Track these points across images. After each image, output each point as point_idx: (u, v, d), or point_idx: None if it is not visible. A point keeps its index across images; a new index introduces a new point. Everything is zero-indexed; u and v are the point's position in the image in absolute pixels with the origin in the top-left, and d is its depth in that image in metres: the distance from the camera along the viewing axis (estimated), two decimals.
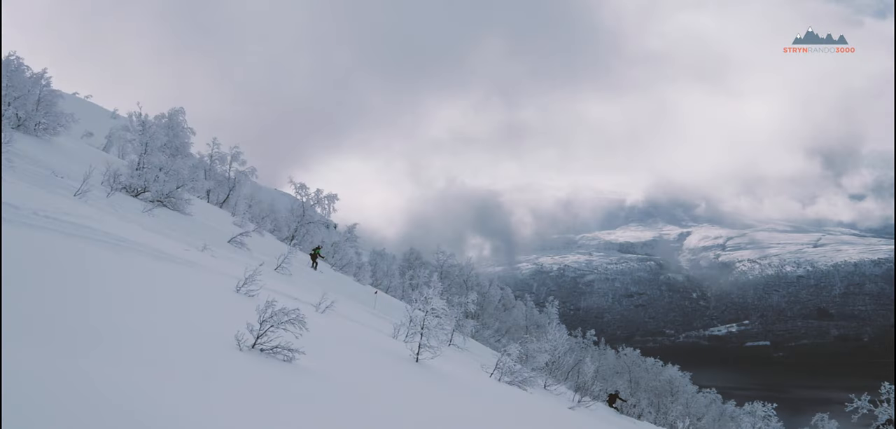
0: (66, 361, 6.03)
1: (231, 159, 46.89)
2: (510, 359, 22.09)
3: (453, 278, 61.61)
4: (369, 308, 30.01)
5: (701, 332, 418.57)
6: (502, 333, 59.72)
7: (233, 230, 31.36)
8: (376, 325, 22.42)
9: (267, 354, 9.64)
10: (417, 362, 15.75)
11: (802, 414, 54.65)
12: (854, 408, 28.93)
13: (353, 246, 52.56)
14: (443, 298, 18.59)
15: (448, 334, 26.74)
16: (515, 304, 71.35)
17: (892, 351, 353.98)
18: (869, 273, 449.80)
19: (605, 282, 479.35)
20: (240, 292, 14.63)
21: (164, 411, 5.91)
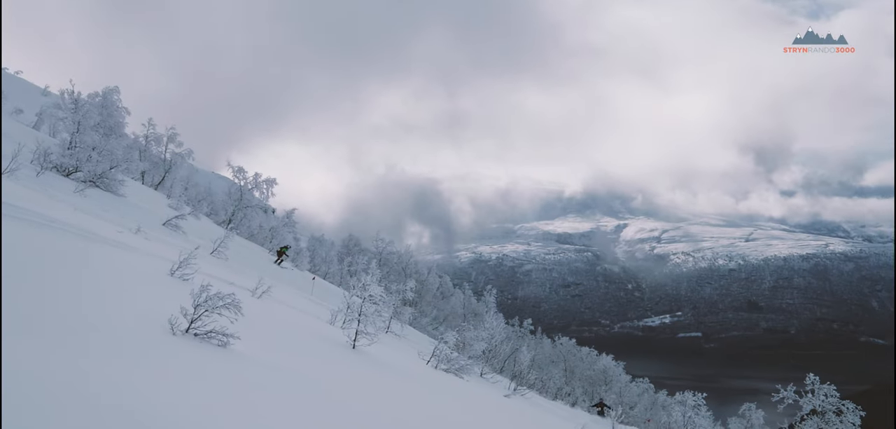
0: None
1: (167, 140, 45.96)
2: (447, 347, 22.16)
3: (392, 266, 61.52)
4: (307, 294, 29.79)
5: (635, 322, 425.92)
6: (440, 321, 59.88)
7: (168, 213, 30.80)
8: (314, 311, 22.27)
9: (201, 338, 9.50)
10: (354, 349, 15.70)
11: (731, 404, 56.07)
12: (780, 398, 29.74)
13: (292, 231, 52.06)
14: (381, 286, 18.54)
15: (386, 321, 26.71)
16: (454, 292, 71.57)
17: (817, 343, 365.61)
18: (797, 268, 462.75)
19: (543, 272, 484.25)
20: (174, 276, 14.38)
21: (90, 394, 5.78)
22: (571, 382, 59.40)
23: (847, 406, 29.29)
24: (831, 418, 29.08)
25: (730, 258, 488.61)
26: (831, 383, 30.03)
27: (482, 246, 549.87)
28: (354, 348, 15.76)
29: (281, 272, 35.58)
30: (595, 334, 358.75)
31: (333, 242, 67.98)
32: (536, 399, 31.29)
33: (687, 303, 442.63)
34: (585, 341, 76.13)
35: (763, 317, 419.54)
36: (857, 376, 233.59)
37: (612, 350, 68.15)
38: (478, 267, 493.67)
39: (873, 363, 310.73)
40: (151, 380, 6.94)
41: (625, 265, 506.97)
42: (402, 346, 25.27)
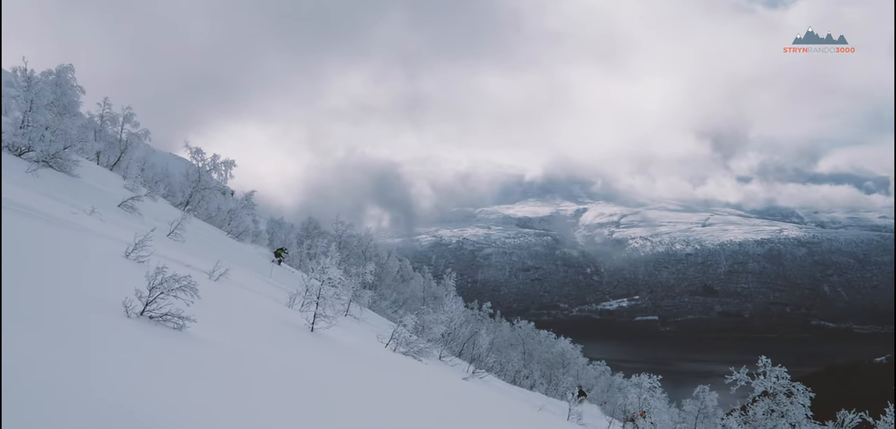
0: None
1: (123, 120, 45.16)
2: (406, 330, 22.18)
3: (352, 249, 61.36)
4: (266, 277, 29.61)
5: (593, 306, 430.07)
6: (400, 304, 59.89)
7: (124, 194, 30.37)
8: (272, 294, 22.15)
9: (156, 321, 9.42)
10: (312, 332, 15.66)
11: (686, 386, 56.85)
12: (733, 380, 30.25)
13: (251, 214, 51.65)
14: (340, 269, 18.49)
15: (345, 304, 26.65)
16: (413, 275, 71.61)
17: (770, 327, 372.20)
18: (752, 252, 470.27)
19: (503, 256, 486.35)
20: (129, 258, 14.22)
21: (40, 376, 5.72)
22: (530, 365, 59.81)
23: (797, 388, 29.89)
24: (782, 399, 29.66)
25: (687, 243, 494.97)
26: (783, 366, 30.60)
27: (443, 230, 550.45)
28: (313, 331, 15.72)
29: (239, 255, 35.29)
30: (554, 318, 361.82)
31: (293, 224, 67.62)
32: (495, 382, 31.48)
33: (644, 287, 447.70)
34: (544, 324, 76.63)
35: (718, 301, 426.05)
36: (809, 359, 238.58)
37: (571, 333, 68.71)
38: (438, 251, 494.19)
39: (824, 346, 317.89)
40: (102, 363, 6.87)
41: (584, 250, 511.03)
42: (361, 329, 25.24)
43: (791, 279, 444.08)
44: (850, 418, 25.87)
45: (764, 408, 29.44)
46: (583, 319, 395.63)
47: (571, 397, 27.85)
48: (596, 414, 34.60)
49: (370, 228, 71.45)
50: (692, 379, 59.58)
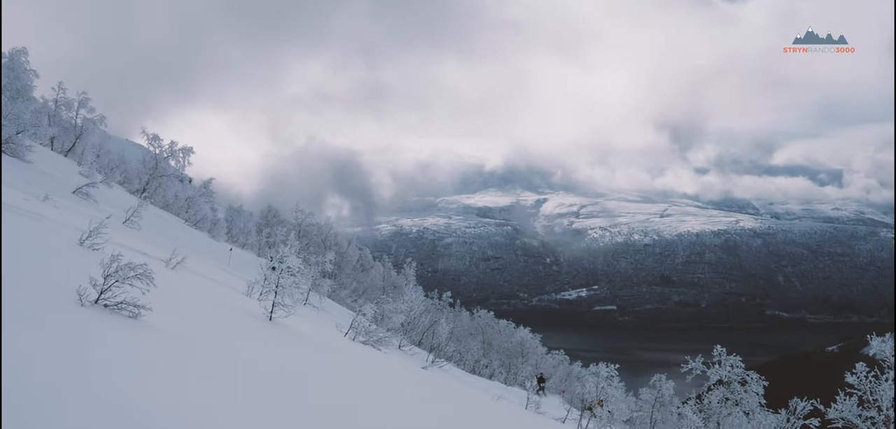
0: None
1: (78, 106, 44.36)
2: (365, 319, 22.17)
3: (311, 237, 61.01)
4: (224, 266, 29.37)
5: (553, 295, 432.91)
6: (359, 293, 59.71)
7: (78, 180, 29.87)
8: (230, 282, 21.99)
9: (111, 309, 9.31)
10: (271, 321, 15.58)
11: (643, 375, 57.50)
12: (689, 369, 30.66)
13: (209, 201, 51.13)
14: (299, 257, 18.41)
15: (304, 293, 26.54)
16: (373, 265, 71.43)
17: (726, 317, 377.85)
18: (709, 243, 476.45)
19: (463, 245, 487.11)
20: (83, 245, 14.02)
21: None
22: (489, 354, 60.05)
23: (751, 376, 30.37)
24: (736, 388, 30.13)
25: (645, 233, 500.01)
26: (738, 355, 31.05)
27: (403, 219, 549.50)
28: (271, 320, 15.64)
29: (197, 243, 34.95)
30: (513, 307, 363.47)
31: (252, 212, 67.01)
32: (454, 371, 31.58)
33: (603, 277, 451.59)
34: (504, 313, 76.92)
35: (675, 291, 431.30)
36: (764, 348, 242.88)
37: (530, 323, 69.04)
38: (398, 240, 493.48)
39: (779, 336, 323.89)
40: (54, 351, 6.78)
41: (544, 239, 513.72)
42: (321, 318, 25.16)
43: (746, 270, 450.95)
44: (802, 407, 26.36)
45: (719, 396, 29.89)
46: (542, 309, 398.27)
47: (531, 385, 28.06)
48: (554, 404, 34.86)
49: (330, 217, 71.05)
50: (649, 368, 60.30)
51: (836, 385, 27.60)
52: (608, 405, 27.84)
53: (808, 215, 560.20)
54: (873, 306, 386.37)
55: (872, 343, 27.33)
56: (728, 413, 28.31)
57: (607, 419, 27.51)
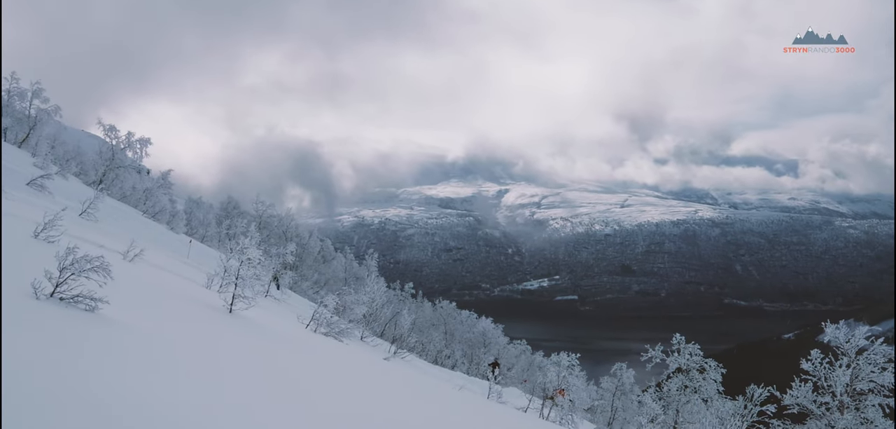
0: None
1: (32, 96, 43.53)
2: (327, 310, 22.07)
3: (272, 229, 60.66)
4: (183, 258, 29.05)
5: (515, 286, 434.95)
6: (321, 284, 59.49)
7: (33, 172, 29.33)
8: (190, 275, 21.76)
9: (67, 303, 9.16)
10: (231, 313, 15.45)
11: (604, 363, 58.06)
12: (649, 358, 31.06)
13: (168, 193, 50.50)
14: (260, 249, 18.26)
15: (265, 284, 26.36)
16: (335, 256, 71.19)
17: (685, 305, 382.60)
18: (668, 233, 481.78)
19: (425, 236, 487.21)
20: (38, 238, 13.78)
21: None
22: (451, 345, 60.18)
23: (710, 364, 30.85)
24: (695, 375, 30.58)
25: (606, 224, 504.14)
26: (696, 343, 31.50)
27: (365, 210, 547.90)
28: (231, 313, 15.52)
29: (155, 235, 34.52)
30: (476, 298, 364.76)
31: (212, 204, 66.36)
32: (417, 362, 31.59)
33: (564, 267, 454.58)
34: (466, 304, 77.16)
35: (636, 280, 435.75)
36: (722, 336, 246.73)
37: (492, 313, 69.32)
38: (360, 231, 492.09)
39: (736, 324, 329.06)
40: (8, 345, 6.65)
41: (505, 230, 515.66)
42: (282, 310, 25.02)
43: (705, 259, 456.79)
44: (759, 393, 26.82)
45: (678, 384, 30.30)
46: (504, 299, 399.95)
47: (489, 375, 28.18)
48: (516, 393, 35.04)
49: (291, 209, 70.66)
50: (610, 357, 60.89)
51: (792, 372, 28.11)
52: (569, 394, 28.04)
53: (765, 205, 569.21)
54: (828, 294, 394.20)
55: (827, 330, 27.88)
56: (687, 401, 28.70)
57: (568, 408, 27.71)
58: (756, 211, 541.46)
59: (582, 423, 31.82)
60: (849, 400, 26.74)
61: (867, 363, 26.27)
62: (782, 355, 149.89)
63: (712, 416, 25.18)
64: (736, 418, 24.84)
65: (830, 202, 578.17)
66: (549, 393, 29.82)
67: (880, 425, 25.91)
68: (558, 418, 27.45)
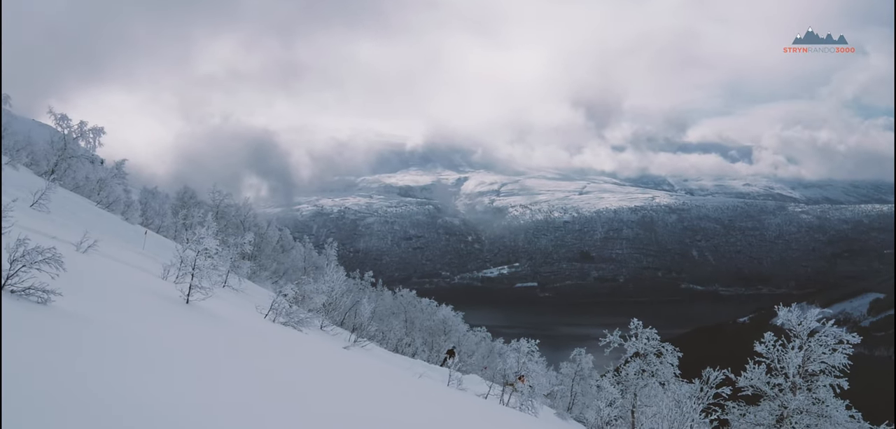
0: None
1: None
2: (286, 300, 21.95)
3: (230, 219, 60.06)
4: (138, 249, 28.67)
5: (475, 273, 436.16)
6: (280, 274, 59.10)
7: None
8: (145, 265, 21.48)
9: (18, 295, 9.00)
10: (188, 304, 15.29)
11: (564, 349, 58.59)
12: (607, 343, 31.37)
13: (122, 183, 49.73)
14: (217, 239, 18.08)
15: (222, 275, 26.11)
16: (294, 245, 70.73)
17: (643, 291, 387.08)
18: (626, 219, 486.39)
19: (385, 225, 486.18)
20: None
21: None
22: (412, 333, 60.20)
23: (667, 348, 31.23)
24: (652, 359, 30.94)
25: (564, 211, 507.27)
26: (653, 328, 31.87)
27: (324, 199, 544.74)
28: (188, 303, 15.36)
29: (110, 226, 34.01)
30: (436, 286, 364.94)
31: (168, 194, 65.47)
32: (377, 351, 31.55)
33: (524, 254, 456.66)
34: (426, 292, 77.17)
35: (594, 267, 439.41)
36: (679, 321, 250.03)
37: (452, 301, 69.49)
38: (319, 220, 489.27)
39: (693, 308, 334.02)
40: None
41: (465, 218, 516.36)
42: (240, 300, 24.82)
43: (662, 245, 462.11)
44: (715, 376, 27.25)
45: (635, 368, 30.63)
46: (464, 287, 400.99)
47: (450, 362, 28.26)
48: (476, 380, 35.19)
49: (248, 198, 69.95)
50: (569, 343, 61.42)
51: (747, 354, 28.60)
52: (529, 380, 28.22)
53: (720, 191, 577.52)
54: (782, 278, 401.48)
55: (780, 314, 28.39)
56: (644, 384, 29.06)
57: (528, 394, 27.89)
58: (712, 197, 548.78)
59: (542, 408, 32.05)
60: (801, 381, 27.29)
61: (819, 345, 26.81)
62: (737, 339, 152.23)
63: (669, 399, 25.56)
64: (692, 401, 25.25)
65: (783, 188, 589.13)
66: (509, 380, 29.99)
67: (831, 405, 26.49)
68: (518, 404, 27.63)
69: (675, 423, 22.92)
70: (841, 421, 26.72)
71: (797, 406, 27.00)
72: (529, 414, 26.65)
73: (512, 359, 28.96)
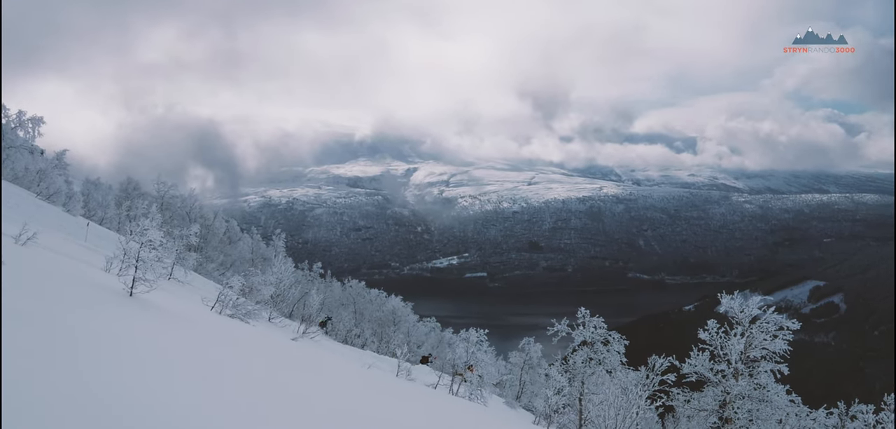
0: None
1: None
2: (233, 292, 21.71)
3: (175, 210, 59.20)
4: (80, 241, 28.11)
5: (424, 264, 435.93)
6: (227, 266, 58.46)
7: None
8: (87, 258, 21.07)
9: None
10: (132, 296, 15.03)
11: (513, 339, 58.95)
12: (555, 332, 31.62)
13: (63, 174, 48.68)
14: (162, 230, 17.80)
15: (168, 267, 25.72)
16: (241, 237, 70.05)
17: (591, 280, 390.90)
18: (574, 210, 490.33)
19: (333, 215, 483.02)
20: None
21: None
22: (361, 324, 60.07)
23: (613, 337, 31.60)
24: (599, 347, 31.28)
25: (513, 201, 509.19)
26: (601, 316, 32.21)
27: (272, 190, 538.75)
28: (132, 296, 15.10)
29: (50, 218, 33.28)
30: (385, 277, 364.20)
31: (111, 185, 64.25)
32: (325, 342, 31.43)
33: (473, 244, 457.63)
34: (375, 283, 77.04)
35: (543, 256, 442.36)
36: (626, 309, 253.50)
37: (402, 292, 69.51)
38: (267, 211, 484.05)
39: (640, 297, 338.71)
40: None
41: (414, 209, 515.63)
42: (186, 292, 24.49)
43: (610, 234, 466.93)
44: (660, 363, 27.63)
45: (583, 357, 30.92)
46: (414, 278, 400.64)
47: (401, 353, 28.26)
48: (425, 370, 35.26)
49: (194, 189, 68.94)
50: (518, 332, 61.81)
51: (692, 342, 29.12)
52: (478, 370, 28.36)
53: (666, 181, 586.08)
54: (726, 267, 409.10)
55: (723, 301, 28.95)
56: (592, 373, 29.36)
57: (478, 383, 28.03)
58: (658, 187, 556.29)
59: (491, 397, 32.24)
60: (743, 367, 27.87)
61: (760, 331, 27.42)
62: (683, 326, 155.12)
63: (616, 386, 25.81)
64: (638, 388, 25.53)
65: (727, 178, 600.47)
66: (458, 369, 30.11)
67: (772, 390, 27.11)
68: (468, 393, 27.75)
69: (621, 410, 23.20)
70: (781, 405, 27.37)
71: (739, 391, 27.58)
72: (479, 403, 26.80)
73: (461, 349, 29.10)
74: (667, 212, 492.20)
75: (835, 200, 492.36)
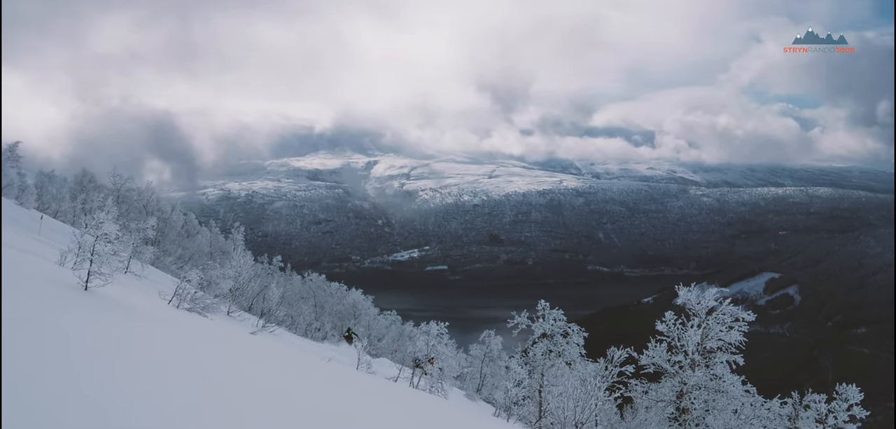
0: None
1: None
2: (191, 285, 21.48)
3: (132, 203, 58.37)
4: (34, 235, 27.62)
5: (385, 257, 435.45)
6: (185, 260, 57.78)
7: None
8: (41, 251, 20.71)
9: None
10: (87, 291, 14.80)
11: (473, 331, 59.12)
12: (515, 324, 31.77)
13: (15, 166, 47.76)
14: (118, 223, 17.54)
15: (124, 261, 25.37)
16: (200, 230, 69.31)
17: (551, 273, 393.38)
18: (535, 203, 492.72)
19: (293, 209, 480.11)
20: None
21: None
22: (321, 317, 59.77)
23: (573, 329, 31.85)
24: (559, 340, 31.49)
25: (474, 194, 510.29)
26: (561, 309, 32.41)
27: (230, 182, 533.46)
28: (87, 290, 14.87)
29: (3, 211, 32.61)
30: (346, 270, 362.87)
31: (66, 178, 63.14)
32: (285, 335, 31.25)
33: (434, 237, 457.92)
34: (336, 276, 76.75)
35: (504, 249, 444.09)
36: (586, 302, 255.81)
37: (362, 285, 69.35)
38: (226, 204, 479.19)
39: (599, 289, 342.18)
40: None
41: (375, 202, 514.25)
42: (143, 286, 24.19)
43: (570, 227, 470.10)
44: (619, 355, 27.88)
45: (543, 349, 31.11)
46: (374, 271, 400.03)
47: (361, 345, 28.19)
48: (386, 363, 35.23)
49: (151, 182, 67.96)
50: (479, 325, 62.09)
51: (650, 333, 29.45)
52: (439, 362, 28.39)
53: (625, 175, 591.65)
54: (683, 259, 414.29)
55: (681, 294, 29.32)
56: (551, 365, 29.54)
57: (438, 376, 28.06)
58: (617, 180, 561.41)
59: (451, 390, 32.31)
60: (700, 358, 28.27)
61: (716, 323, 27.83)
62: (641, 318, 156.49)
63: (575, 378, 26.03)
64: (597, 379, 25.76)
65: (685, 172, 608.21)
66: (418, 362, 30.11)
67: (728, 381, 27.53)
68: (428, 386, 27.77)
69: (580, 401, 23.41)
70: (736, 396, 27.81)
71: (696, 382, 27.96)
72: (439, 396, 26.83)
73: (422, 342, 29.09)
74: (626, 205, 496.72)
75: (790, 194, 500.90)
